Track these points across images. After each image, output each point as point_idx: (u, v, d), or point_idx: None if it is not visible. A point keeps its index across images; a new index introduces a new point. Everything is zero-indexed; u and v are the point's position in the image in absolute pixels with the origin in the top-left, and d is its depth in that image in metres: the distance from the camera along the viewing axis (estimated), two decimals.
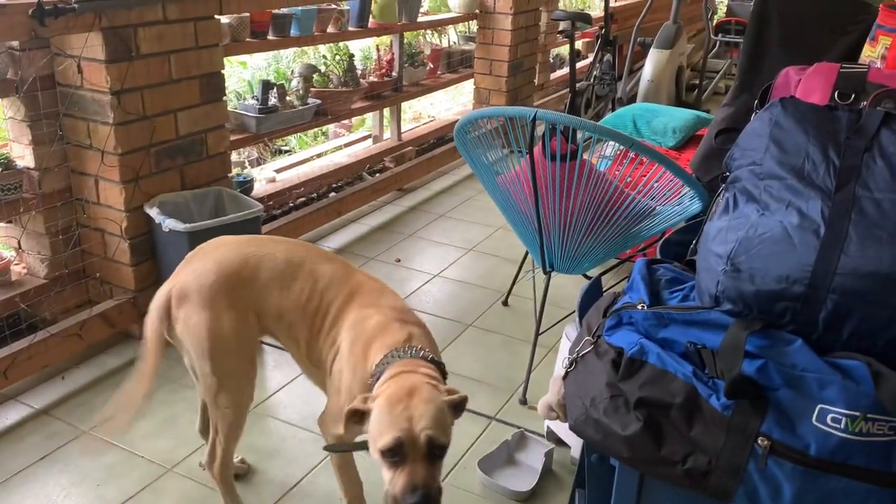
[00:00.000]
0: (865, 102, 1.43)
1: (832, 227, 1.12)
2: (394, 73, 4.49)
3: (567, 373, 1.43)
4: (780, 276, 1.13)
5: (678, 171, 2.29)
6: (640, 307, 1.30)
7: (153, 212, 2.70)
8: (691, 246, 1.65)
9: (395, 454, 1.45)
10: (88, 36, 2.51)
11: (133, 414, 1.94)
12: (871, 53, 1.79)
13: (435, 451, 1.46)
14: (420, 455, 1.45)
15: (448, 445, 1.49)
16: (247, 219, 2.74)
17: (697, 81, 6.11)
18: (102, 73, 2.54)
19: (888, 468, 1.06)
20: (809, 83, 1.55)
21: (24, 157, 2.68)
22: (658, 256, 1.69)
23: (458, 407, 1.55)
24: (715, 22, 6.85)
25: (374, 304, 1.75)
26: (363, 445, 1.57)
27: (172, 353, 2.82)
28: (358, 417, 1.52)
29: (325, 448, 1.79)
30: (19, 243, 2.82)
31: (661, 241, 1.73)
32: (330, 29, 3.91)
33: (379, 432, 1.46)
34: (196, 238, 2.62)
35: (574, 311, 3.05)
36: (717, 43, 6.65)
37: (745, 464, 1.13)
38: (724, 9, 7.92)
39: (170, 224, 2.63)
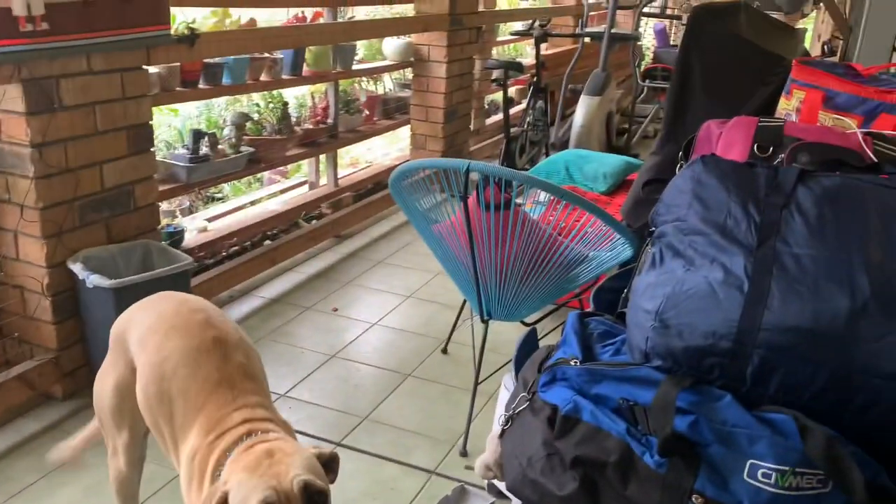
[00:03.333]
0: (783, 155, 1.48)
1: (755, 282, 1.15)
2: (329, 121, 4.48)
3: (503, 430, 1.41)
4: (707, 332, 1.14)
5: (608, 219, 2.33)
6: (573, 363, 1.30)
7: (76, 267, 2.60)
8: (623, 294, 1.67)
9: None
10: (6, 88, 2.43)
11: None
12: (786, 106, 1.86)
13: (315, 498, 1.22)
14: None
15: (328, 493, 1.25)
16: (175, 273, 2.67)
17: (627, 126, 6.28)
18: (22, 125, 2.46)
19: None
20: (730, 137, 1.60)
21: None
22: (591, 306, 1.71)
23: (329, 464, 1.33)
24: (642, 68, 7.09)
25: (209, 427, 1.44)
26: None
27: None
28: None
29: None
30: None
31: (594, 290, 1.75)
32: (263, 77, 3.88)
33: (244, 502, 1.20)
34: (122, 294, 2.53)
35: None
36: (645, 88, 6.88)
37: None
38: (651, 56, 8.22)
39: (94, 280, 2.53)
